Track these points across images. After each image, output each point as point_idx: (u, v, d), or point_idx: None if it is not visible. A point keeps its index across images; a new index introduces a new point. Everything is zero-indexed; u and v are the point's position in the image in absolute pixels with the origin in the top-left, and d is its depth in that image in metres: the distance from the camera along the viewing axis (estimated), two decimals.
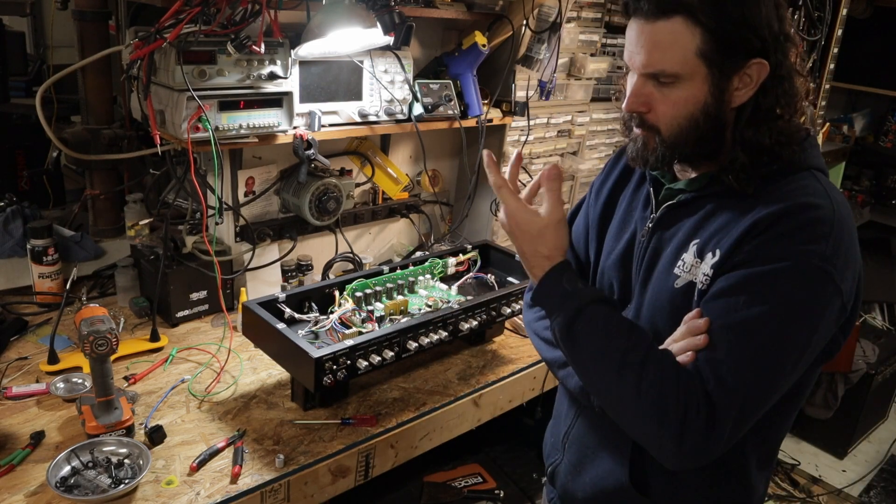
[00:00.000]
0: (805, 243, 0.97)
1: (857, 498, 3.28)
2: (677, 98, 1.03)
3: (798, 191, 1.02)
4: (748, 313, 0.97)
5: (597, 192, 1.33)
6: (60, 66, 1.97)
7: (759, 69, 1.01)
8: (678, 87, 1.02)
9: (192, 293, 1.85)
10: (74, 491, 1.23)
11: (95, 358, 1.31)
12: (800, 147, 1.06)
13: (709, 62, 1.00)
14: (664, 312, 1.10)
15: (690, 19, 0.98)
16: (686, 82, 1.02)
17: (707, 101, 1.02)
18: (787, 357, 0.98)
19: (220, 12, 1.52)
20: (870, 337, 3.63)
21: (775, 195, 1.02)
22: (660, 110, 1.05)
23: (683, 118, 1.04)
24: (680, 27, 0.99)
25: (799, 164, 1.06)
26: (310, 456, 1.39)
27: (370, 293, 1.72)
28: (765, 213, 1.00)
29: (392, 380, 1.68)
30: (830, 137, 3.93)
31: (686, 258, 1.08)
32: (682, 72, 1.01)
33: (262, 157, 1.95)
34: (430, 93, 2.07)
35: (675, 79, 1.02)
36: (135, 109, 1.73)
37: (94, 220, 2.17)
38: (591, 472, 1.23)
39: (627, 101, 1.07)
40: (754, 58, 1.00)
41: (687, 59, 1.00)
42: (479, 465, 2.32)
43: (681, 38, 0.99)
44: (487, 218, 2.40)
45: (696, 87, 1.02)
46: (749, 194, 1.05)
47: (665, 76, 1.02)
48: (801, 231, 0.98)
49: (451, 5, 2.02)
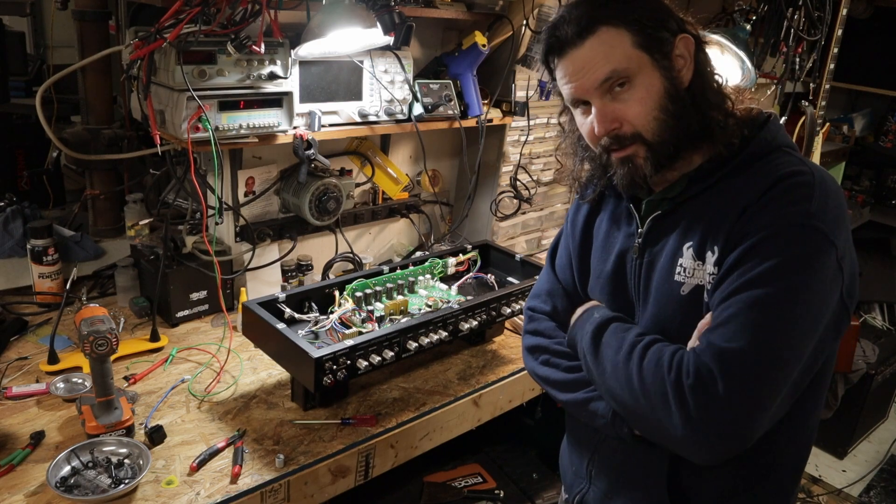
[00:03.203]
0: (788, 205, 0.99)
1: (857, 498, 3.28)
2: (640, 95, 1.06)
3: (776, 168, 1.04)
4: (741, 281, 0.97)
5: (572, 221, 1.34)
6: (60, 66, 1.98)
7: (686, 43, 1.07)
8: (635, 85, 1.05)
9: (192, 293, 1.85)
10: (74, 491, 1.23)
11: (95, 358, 1.31)
12: (766, 129, 1.09)
13: (647, 49, 1.05)
14: (674, 322, 1.09)
15: (612, 24, 1.04)
16: (639, 76, 1.05)
17: (665, 85, 1.06)
18: (790, 314, 0.96)
19: (220, 12, 1.52)
20: (870, 337, 3.63)
21: (756, 179, 1.04)
22: (631, 116, 1.07)
23: (656, 110, 1.06)
24: (607, 34, 1.05)
25: (770, 145, 1.08)
26: (310, 456, 1.39)
27: (370, 293, 1.72)
28: (752, 194, 1.02)
29: (392, 380, 1.68)
30: (830, 137, 3.93)
31: (685, 263, 1.08)
32: (630, 66, 1.05)
33: (262, 157, 1.95)
34: (430, 93, 2.07)
35: (628, 77, 1.05)
36: (135, 109, 1.73)
37: (94, 220, 2.17)
38: (625, 497, 1.21)
39: (598, 128, 1.08)
40: (680, 34, 1.06)
41: (628, 53, 1.04)
42: (479, 465, 2.32)
43: (613, 41, 1.05)
44: (487, 218, 2.40)
45: (649, 77, 1.05)
46: (729, 175, 1.07)
47: (619, 78, 1.05)
48: (784, 196, 1.00)
49: (451, 5, 2.02)
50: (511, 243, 2.50)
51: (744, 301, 0.96)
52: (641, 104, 1.06)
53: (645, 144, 1.08)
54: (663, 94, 1.05)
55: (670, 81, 1.06)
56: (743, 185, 1.04)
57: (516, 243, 2.53)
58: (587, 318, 1.19)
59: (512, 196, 2.40)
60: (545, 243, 2.62)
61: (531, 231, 2.58)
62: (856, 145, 4.16)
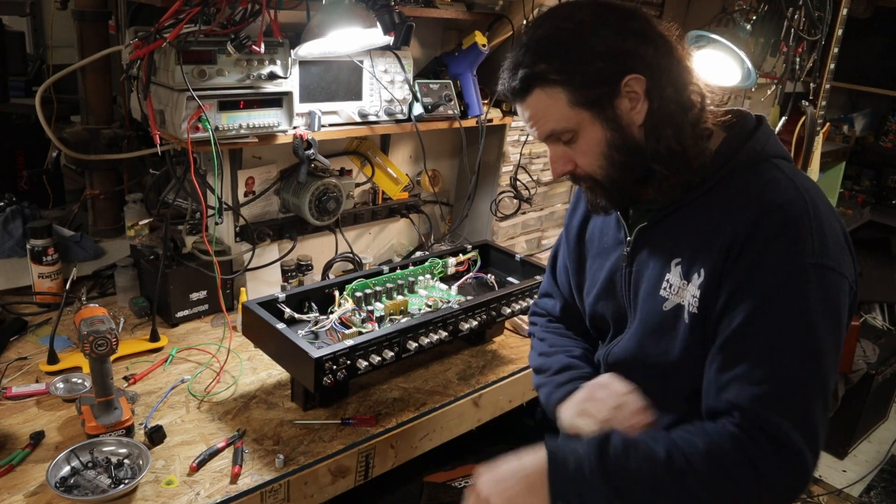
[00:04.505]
0: (790, 245, 0.97)
1: (857, 498, 3.28)
2: (585, 147, 1.07)
3: (764, 188, 1.02)
4: (764, 338, 0.97)
5: (567, 227, 1.36)
6: (60, 66, 1.97)
7: (636, 83, 1.03)
8: (579, 138, 1.06)
9: (191, 293, 1.85)
10: (74, 491, 1.23)
11: (95, 358, 1.31)
12: (754, 138, 1.07)
13: (585, 105, 1.04)
14: (655, 335, 1.10)
15: (545, 85, 1.04)
16: (581, 131, 1.06)
17: (608, 136, 1.05)
18: (824, 357, 0.97)
19: (219, 12, 1.52)
20: (870, 337, 3.63)
21: (743, 197, 1.03)
22: (580, 162, 1.09)
23: (601, 160, 1.07)
24: (541, 95, 1.05)
25: (758, 155, 1.06)
26: (310, 456, 1.39)
27: (370, 293, 1.72)
28: (740, 223, 1.00)
29: (392, 380, 1.68)
30: (830, 137, 3.93)
31: (672, 280, 1.08)
32: (568, 125, 1.06)
33: (261, 157, 1.95)
34: (430, 93, 2.07)
35: (571, 132, 1.06)
36: (135, 109, 1.73)
37: (94, 220, 2.17)
38: None
39: (552, 170, 1.12)
40: (624, 77, 1.02)
41: (565, 114, 1.05)
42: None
43: (548, 102, 1.05)
44: (487, 218, 2.40)
45: (592, 131, 1.05)
46: (694, 200, 1.06)
47: (561, 134, 1.07)
48: (783, 236, 0.98)
49: (451, 5, 2.02)
50: (511, 243, 2.50)
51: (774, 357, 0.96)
52: (587, 155, 1.08)
53: (598, 184, 1.10)
54: (607, 146, 1.06)
55: (615, 130, 1.05)
56: (731, 201, 1.03)
57: (516, 243, 2.53)
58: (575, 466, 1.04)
59: (512, 196, 2.40)
60: (545, 243, 2.62)
61: (531, 231, 2.58)
62: (856, 145, 4.16)
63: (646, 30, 1.05)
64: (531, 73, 1.04)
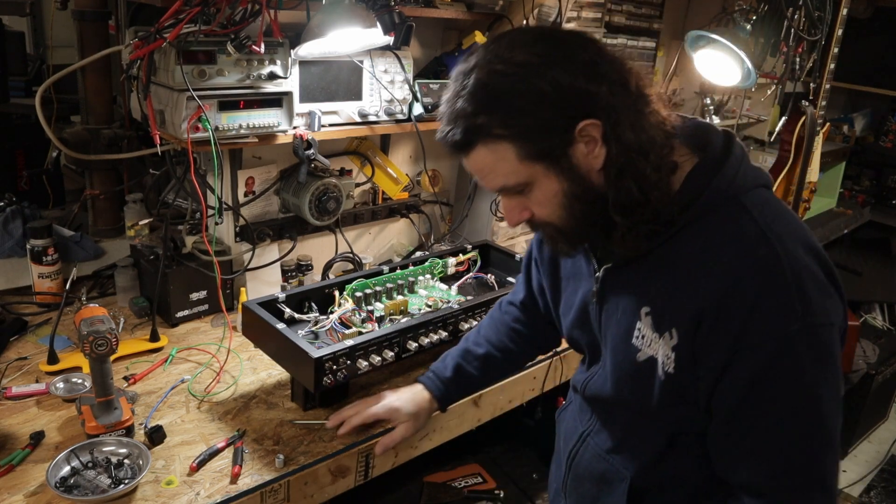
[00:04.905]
0: (770, 318, 0.90)
1: (857, 498, 3.28)
2: (540, 198, 0.99)
3: (731, 244, 0.94)
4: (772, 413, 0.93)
5: (537, 245, 1.32)
6: (60, 66, 1.98)
7: (591, 128, 0.92)
8: (534, 190, 0.98)
9: (191, 293, 1.85)
10: (74, 491, 1.23)
11: (95, 358, 1.31)
12: (720, 174, 0.97)
13: (536, 158, 0.94)
14: (630, 382, 1.07)
15: (489, 140, 0.94)
16: (535, 183, 0.97)
17: (565, 186, 0.96)
18: (827, 417, 0.93)
19: (219, 12, 1.52)
20: (870, 337, 3.63)
21: (710, 255, 0.95)
22: (537, 212, 1.01)
23: (560, 210, 0.99)
24: (486, 151, 0.95)
25: (724, 193, 0.96)
26: (310, 456, 1.39)
27: (370, 293, 1.72)
28: (709, 292, 0.93)
29: (392, 380, 1.68)
30: (830, 137, 3.92)
31: (643, 330, 1.02)
32: (520, 179, 0.97)
33: (261, 157, 1.94)
34: (430, 93, 2.07)
35: (524, 185, 0.97)
36: (135, 109, 1.73)
37: (94, 220, 2.17)
38: None
39: (507, 220, 1.05)
40: (577, 123, 0.92)
41: (515, 169, 0.95)
42: (479, 465, 2.32)
43: (494, 158, 0.95)
44: (487, 218, 2.40)
45: (546, 183, 0.97)
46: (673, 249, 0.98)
47: (513, 188, 0.99)
48: (760, 308, 0.90)
49: (451, 5, 2.02)
50: (511, 243, 2.50)
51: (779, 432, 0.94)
52: (543, 206, 0.99)
53: (559, 232, 1.03)
54: (565, 196, 0.97)
55: (571, 178, 0.95)
56: (698, 256, 0.96)
57: (516, 243, 2.53)
58: None
59: None
60: None
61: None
62: (856, 145, 4.16)
63: (597, 61, 0.93)
64: (471, 128, 0.93)
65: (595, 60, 0.93)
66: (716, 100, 3.16)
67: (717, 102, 3.17)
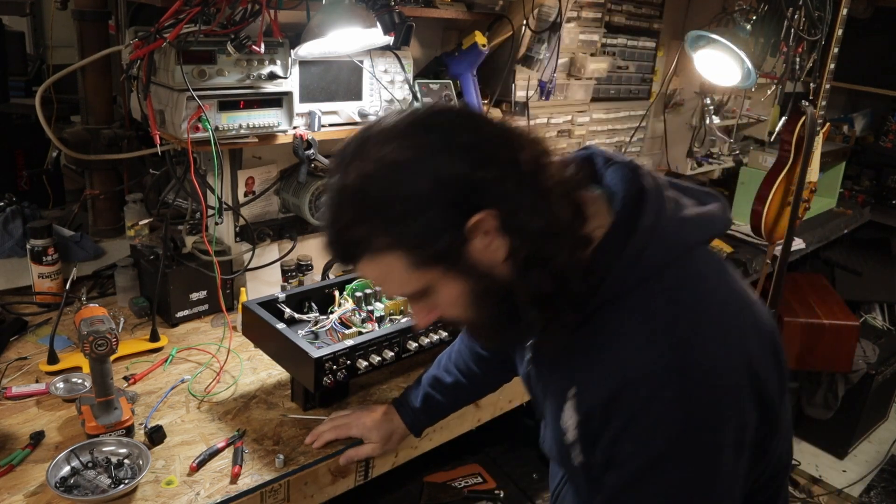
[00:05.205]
0: (648, 431, 0.83)
1: (857, 498, 3.28)
2: (444, 302, 0.90)
3: (630, 339, 0.85)
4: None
5: None
6: (60, 66, 1.98)
7: (485, 221, 0.82)
8: (436, 293, 0.89)
9: (191, 293, 1.85)
10: (74, 491, 1.23)
11: (95, 358, 1.31)
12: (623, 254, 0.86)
13: (429, 264, 0.85)
14: (565, 459, 0.99)
15: (372, 254, 0.85)
16: (435, 287, 0.88)
17: (467, 286, 0.87)
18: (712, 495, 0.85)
19: (219, 12, 1.52)
20: (870, 337, 3.63)
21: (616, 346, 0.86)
22: (446, 312, 0.93)
23: (468, 310, 0.90)
24: (372, 265, 0.87)
25: (625, 283, 0.86)
26: (310, 456, 1.39)
27: (370, 293, 1.71)
28: (596, 393, 0.87)
29: (392, 380, 1.68)
30: (830, 137, 3.92)
31: (567, 412, 0.94)
32: (419, 287, 0.88)
33: (261, 157, 1.94)
34: (430, 93, 2.07)
35: (424, 290, 0.88)
36: (135, 109, 1.73)
37: (94, 220, 2.17)
38: None
39: (418, 322, 0.97)
40: (467, 220, 0.81)
41: (407, 278, 0.86)
42: (479, 465, 2.32)
43: (383, 270, 0.86)
44: None
45: (447, 286, 0.87)
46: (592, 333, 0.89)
47: (413, 294, 0.90)
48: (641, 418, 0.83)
49: (451, 5, 2.02)
50: None
51: None
52: (451, 309, 0.91)
53: (473, 327, 0.97)
54: (471, 295, 0.88)
55: (476, 278, 0.86)
56: (609, 339, 0.87)
57: None
58: None
59: None
60: None
61: None
62: (856, 145, 4.15)
63: (479, 143, 0.83)
64: (351, 242, 0.85)
65: (477, 142, 0.83)
66: (716, 100, 3.16)
67: (717, 102, 3.17)
